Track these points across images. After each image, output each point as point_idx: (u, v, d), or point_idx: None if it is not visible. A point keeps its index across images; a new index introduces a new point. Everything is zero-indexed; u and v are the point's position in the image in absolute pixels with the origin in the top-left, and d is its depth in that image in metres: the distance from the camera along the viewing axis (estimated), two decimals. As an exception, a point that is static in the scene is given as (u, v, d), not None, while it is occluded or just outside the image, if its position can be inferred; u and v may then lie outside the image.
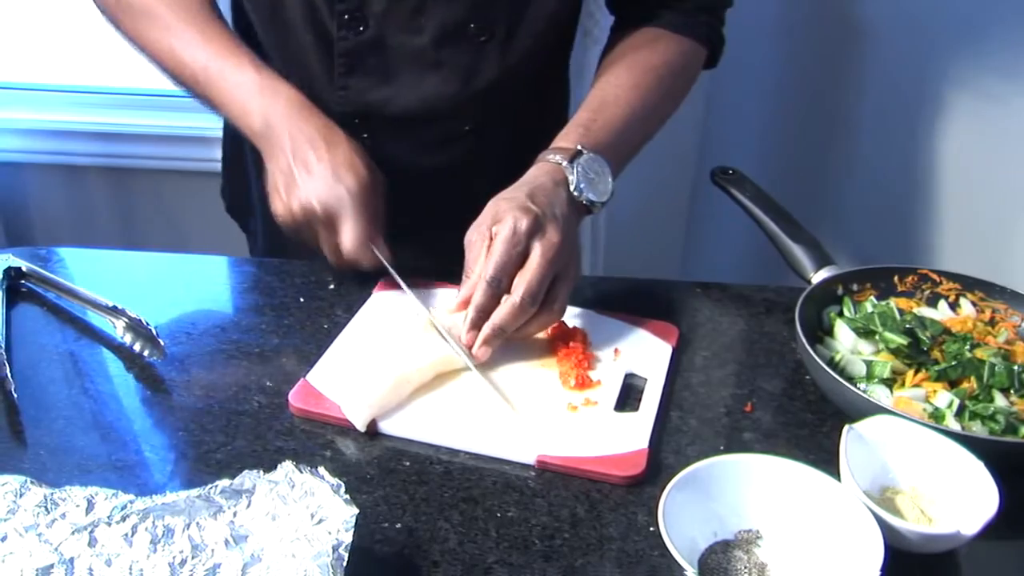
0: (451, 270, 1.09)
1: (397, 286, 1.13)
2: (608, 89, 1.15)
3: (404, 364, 0.97)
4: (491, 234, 1.00)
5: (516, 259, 0.99)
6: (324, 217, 1.04)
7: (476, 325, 0.99)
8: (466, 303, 1.00)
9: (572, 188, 1.04)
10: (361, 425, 0.93)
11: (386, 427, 0.94)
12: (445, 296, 1.11)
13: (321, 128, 1.07)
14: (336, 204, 1.03)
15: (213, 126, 2.09)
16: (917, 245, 1.82)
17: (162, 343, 1.01)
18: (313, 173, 1.04)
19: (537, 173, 1.06)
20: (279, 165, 1.07)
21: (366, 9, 1.13)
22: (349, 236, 1.04)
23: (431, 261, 1.17)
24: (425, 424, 0.93)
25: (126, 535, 0.73)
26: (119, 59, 2.14)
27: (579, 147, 1.06)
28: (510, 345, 1.04)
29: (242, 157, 1.42)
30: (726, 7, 1.26)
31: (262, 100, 1.08)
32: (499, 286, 0.98)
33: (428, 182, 1.24)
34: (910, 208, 1.81)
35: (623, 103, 1.13)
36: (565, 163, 1.05)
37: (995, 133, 1.63)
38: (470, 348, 0.99)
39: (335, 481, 0.76)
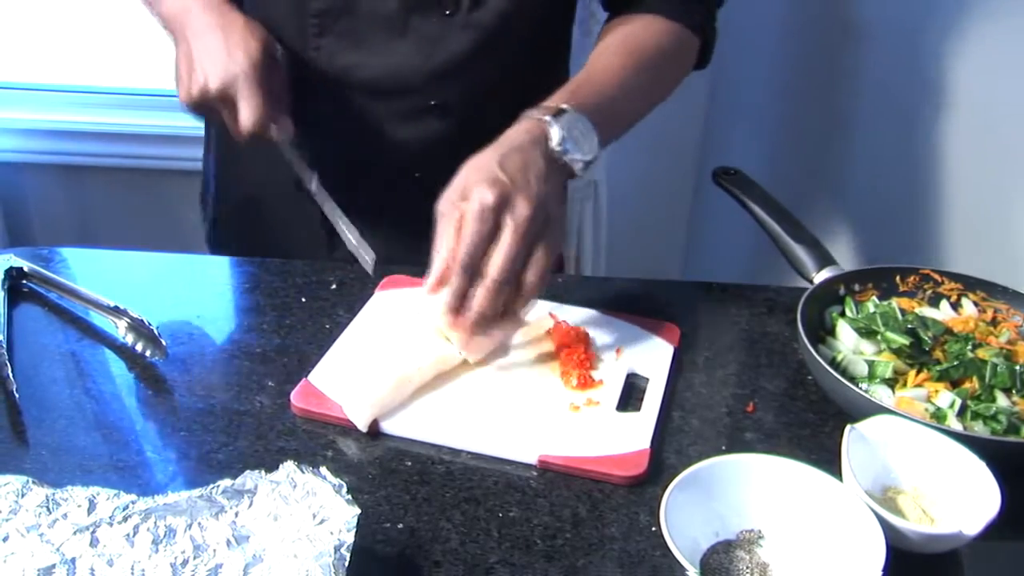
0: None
1: (399, 286, 1.13)
2: (598, 61, 1.14)
3: (405, 364, 0.97)
4: (460, 210, 0.97)
5: (487, 236, 0.95)
6: (220, 96, 1.07)
7: (454, 309, 0.96)
8: (440, 283, 0.97)
9: (554, 144, 1.00)
10: (363, 425, 0.93)
11: (388, 427, 0.94)
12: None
13: (222, 14, 1.11)
14: (230, 83, 1.07)
15: (215, 126, 2.10)
16: (919, 245, 1.81)
17: (164, 343, 1.01)
18: (209, 56, 1.08)
19: (516, 131, 1.02)
20: (182, 51, 1.11)
21: None
22: (245, 112, 1.07)
23: (407, 236, 1.16)
24: (427, 424, 0.93)
25: (128, 535, 0.73)
26: (120, 59, 2.15)
27: (564, 106, 1.03)
28: (509, 343, 1.04)
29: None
30: (718, 5, 1.25)
31: None
32: (473, 268, 0.95)
33: (400, 155, 1.25)
34: (912, 208, 1.80)
35: (613, 73, 1.12)
36: (548, 118, 1.01)
37: (996, 133, 1.63)
38: (452, 331, 0.97)
39: (337, 481, 0.76)
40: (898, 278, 1.12)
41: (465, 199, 0.96)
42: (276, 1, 1.19)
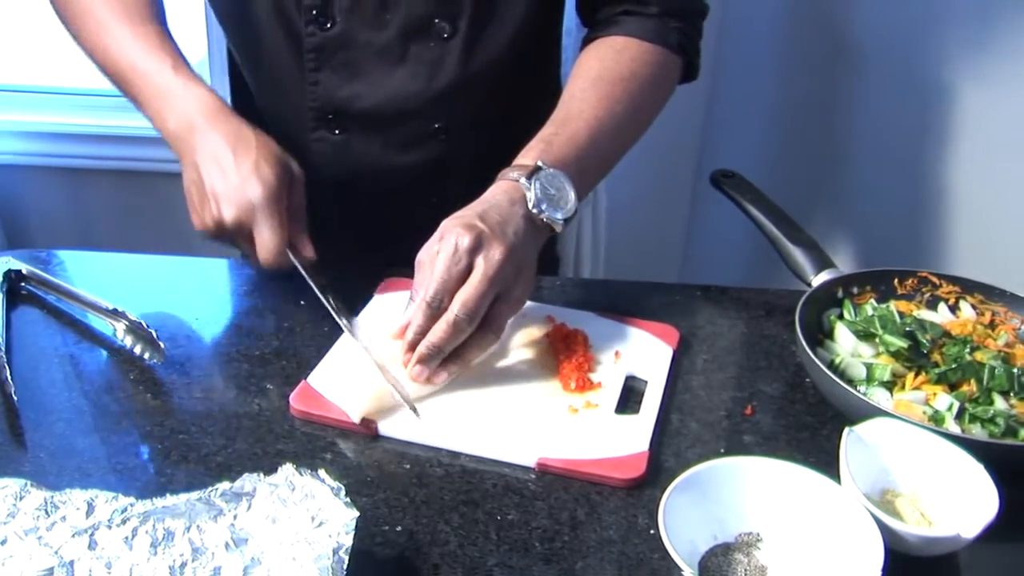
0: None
1: (398, 288, 1.13)
2: (572, 104, 1.12)
3: (400, 366, 0.97)
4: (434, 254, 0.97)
5: (457, 276, 0.95)
6: (236, 229, 1.03)
7: (413, 347, 0.96)
8: (406, 327, 0.97)
9: (531, 206, 1.01)
10: (356, 417, 0.93)
11: (386, 429, 0.94)
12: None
13: (229, 133, 1.05)
14: (246, 215, 1.02)
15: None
16: (917, 248, 1.82)
17: (162, 346, 1.01)
18: (222, 184, 1.03)
19: (494, 192, 1.03)
20: (190, 176, 1.08)
21: (332, 5, 1.14)
22: (262, 246, 1.03)
23: (406, 264, 1.17)
24: (425, 426, 0.93)
25: (126, 538, 0.73)
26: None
27: (539, 163, 1.03)
28: (508, 345, 1.04)
29: None
30: (700, 16, 1.23)
31: (174, 104, 1.09)
32: (439, 306, 0.95)
33: (401, 181, 1.25)
34: (910, 211, 1.81)
35: (588, 117, 1.10)
36: (523, 179, 1.02)
37: (993, 136, 1.63)
38: (408, 370, 0.96)
39: (335, 484, 0.76)
40: (896, 281, 1.13)
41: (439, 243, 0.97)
42: (270, 41, 1.19)
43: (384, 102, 1.19)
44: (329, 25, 1.15)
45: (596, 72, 1.15)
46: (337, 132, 1.20)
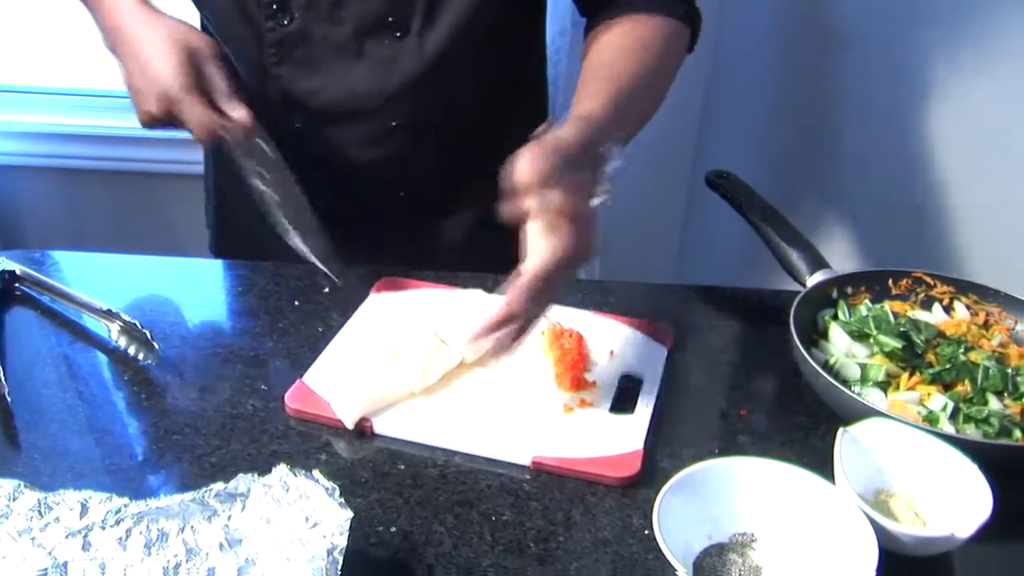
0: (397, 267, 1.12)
1: (394, 288, 1.13)
2: (612, 67, 1.10)
3: (398, 364, 0.97)
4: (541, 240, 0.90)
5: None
6: (168, 118, 1.08)
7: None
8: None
9: (608, 170, 0.97)
10: (350, 423, 0.93)
11: (381, 428, 0.94)
12: (443, 298, 1.11)
13: (139, 27, 1.09)
14: (168, 104, 1.06)
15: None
16: (911, 248, 1.82)
17: (156, 346, 1.01)
18: (140, 81, 1.08)
19: (579, 138, 0.96)
20: (124, 77, 1.12)
21: (290, 1, 1.15)
22: (193, 127, 1.07)
23: (373, 257, 1.19)
24: (420, 425, 0.93)
25: (120, 539, 0.73)
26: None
27: (617, 133, 1.00)
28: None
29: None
30: None
31: (105, 11, 1.12)
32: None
33: (365, 175, 1.25)
34: (904, 211, 1.81)
35: (628, 79, 1.08)
36: (612, 145, 0.98)
37: (989, 135, 1.64)
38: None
39: (330, 484, 0.76)
40: (891, 281, 1.13)
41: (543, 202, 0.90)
42: (236, 31, 1.19)
43: (342, 98, 1.19)
44: (287, 21, 1.15)
45: (626, 41, 1.14)
46: (298, 125, 1.21)
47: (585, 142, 0.95)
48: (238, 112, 1.08)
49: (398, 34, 1.15)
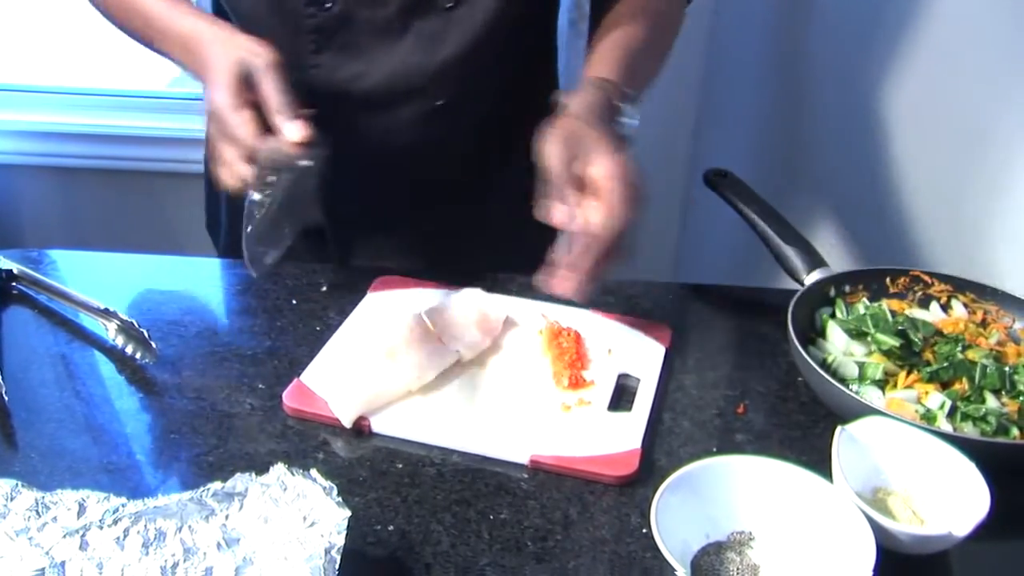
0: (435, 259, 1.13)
1: (391, 287, 1.13)
2: (622, 33, 1.13)
3: (396, 363, 0.97)
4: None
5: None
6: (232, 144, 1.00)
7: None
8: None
9: (626, 131, 1.03)
10: (348, 422, 0.93)
11: (378, 426, 0.94)
12: (441, 297, 1.10)
13: (197, 57, 1.05)
14: (220, 127, 1.00)
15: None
16: (909, 247, 1.82)
17: (154, 345, 1.01)
18: (208, 108, 1.03)
19: (599, 104, 1.02)
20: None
21: None
22: (238, 145, 0.98)
23: (415, 245, 1.19)
24: (418, 424, 0.93)
25: (118, 538, 0.73)
26: (111, 60, 2.14)
27: (627, 90, 1.05)
28: (501, 343, 1.04)
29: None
30: None
31: (182, 50, 1.08)
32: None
33: (405, 162, 1.24)
34: (902, 210, 1.81)
35: (638, 43, 1.12)
36: (625, 105, 1.03)
37: (989, 136, 1.64)
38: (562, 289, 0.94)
39: (327, 483, 0.76)
40: (888, 280, 1.13)
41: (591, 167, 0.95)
42: (270, 22, 1.17)
43: (385, 81, 1.17)
44: (329, 5, 1.13)
45: (621, 11, 1.17)
46: (339, 115, 1.17)
47: (602, 105, 1.00)
48: (290, 129, 0.99)
49: (448, 6, 1.14)
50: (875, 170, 1.79)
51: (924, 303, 1.12)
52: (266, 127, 0.99)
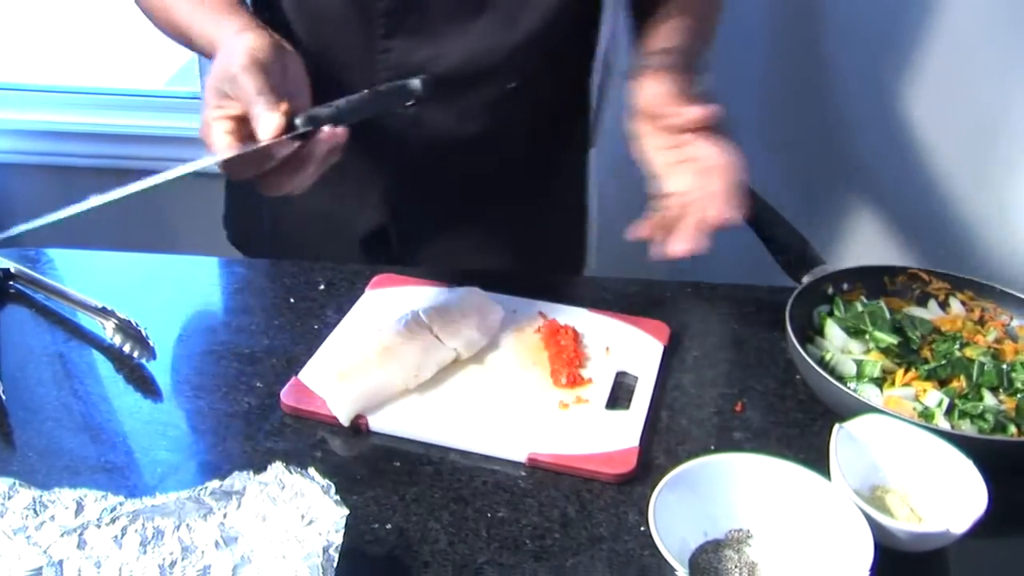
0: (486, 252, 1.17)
1: (388, 285, 1.13)
2: (676, 24, 1.14)
3: (394, 361, 0.97)
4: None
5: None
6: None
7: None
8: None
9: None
10: (345, 420, 0.93)
11: (376, 424, 0.93)
12: (438, 295, 1.10)
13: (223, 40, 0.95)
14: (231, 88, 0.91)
15: (203, 126, 2.09)
16: (907, 245, 1.82)
17: (152, 344, 1.01)
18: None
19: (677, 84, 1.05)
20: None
21: None
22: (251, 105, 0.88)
23: (472, 237, 1.20)
24: (416, 421, 0.93)
25: (116, 537, 0.73)
26: (108, 59, 2.14)
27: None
28: (498, 341, 1.04)
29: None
30: None
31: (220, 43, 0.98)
32: None
33: (470, 151, 1.21)
34: (900, 208, 1.81)
35: (691, 34, 1.13)
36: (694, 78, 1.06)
37: (987, 134, 1.64)
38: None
39: (325, 482, 0.76)
40: (886, 277, 1.13)
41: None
42: (338, 8, 1.13)
43: (459, 63, 1.13)
44: None
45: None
46: (410, 105, 1.11)
47: (680, 79, 1.03)
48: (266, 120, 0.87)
49: None
50: (873, 167, 1.79)
51: (922, 301, 1.11)
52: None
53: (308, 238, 1.32)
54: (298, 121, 0.87)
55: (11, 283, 1.12)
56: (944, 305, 1.11)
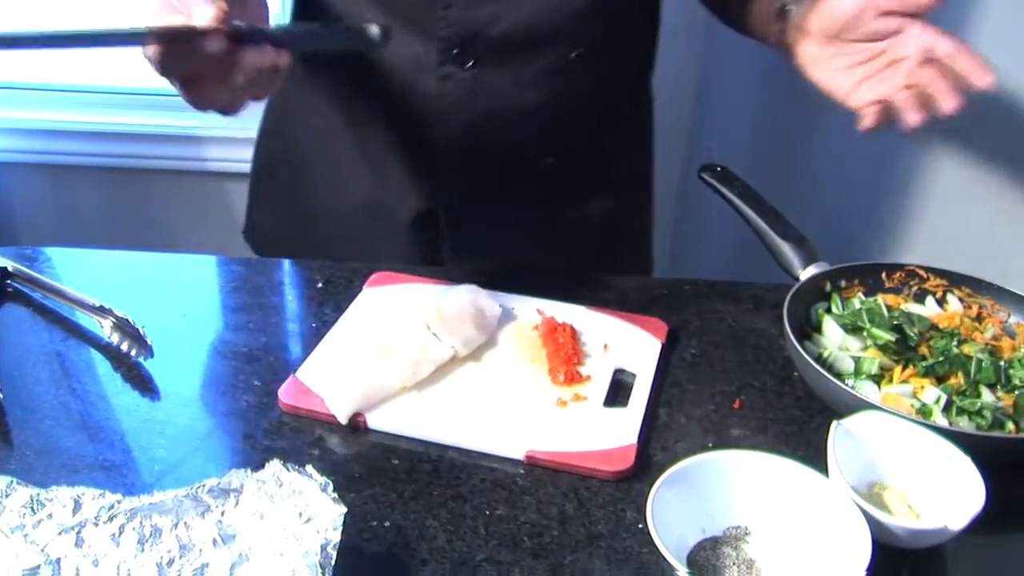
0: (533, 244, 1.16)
1: (386, 283, 1.13)
2: None
3: (391, 359, 0.97)
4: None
5: None
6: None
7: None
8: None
9: None
10: (344, 418, 0.93)
11: (374, 422, 0.93)
12: (436, 293, 1.10)
13: None
14: None
15: (201, 125, 2.09)
16: (905, 241, 1.82)
17: (149, 342, 1.01)
18: None
19: None
20: None
21: None
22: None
23: (523, 226, 1.18)
24: (414, 419, 0.93)
25: (113, 535, 0.73)
26: (106, 57, 2.14)
27: None
28: (497, 338, 1.04)
29: (277, 176, 1.36)
30: None
31: None
32: None
33: (527, 124, 1.18)
34: (898, 205, 1.81)
35: None
36: None
37: (985, 131, 1.64)
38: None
39: (323, 480, 0.76)
40: (884, 274, 1.13)
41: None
42: None
43: (523, 24, 1.10)
44: None
45: None
46: (469, 66, 1.11)
47: None
48: (201, 9, 0.81)
49: None
50: (871, 164, 1.79)
51: (920, 298, 1.12)
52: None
53: (351, 232, 1.30)
54: (239, 23, 0.83)
55: (8, 282, 1.12)
56: (942, 302, 1.11)
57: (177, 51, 0.82)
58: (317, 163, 1.29)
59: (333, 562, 0.70)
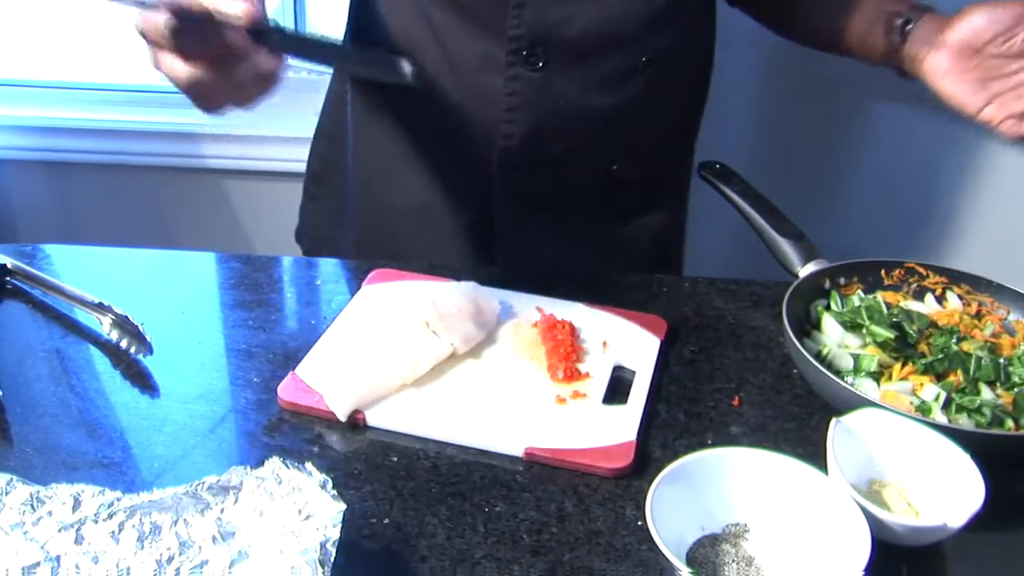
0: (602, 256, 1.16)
1: (386, 279, 1.13)
2: None
3: (390, 356, 0.97)
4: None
5: None
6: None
7: None
8: None
9: None
10: (343, 415, 0.93)
11: (373, 419, 0.93)
12: (435, 290, 1.10)
13: None
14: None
15: (200, 122, 2.09)
16: (904, 239, 1.82)
17: (148, 339, 1.01)
18: None
19: None
20: None
21: None
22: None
23: (575, 235, 1.18)
24: (413, 417, 0.93)
25: (113, 532, 0.73)
26: (105, 54, 2.14)
27: None
28: (496, 335, 1.04)
29: (332, 178, 1.35)
30: None
31: None
32: None
33: (596, 131, 1.17)
34: (897, 202, 1.81)
35: None
36: None
37: (984, 129, 1.64)
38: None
39: (322, 477, 0.76)
40: (883, 272, 1.13)
41: None
42: None
43: (595, 27, 1.09)
44: None
45: None
46: (539, 67, 1.10)
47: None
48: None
49: None
50: (870, 161, 1.79)
51: (919, 295, 1.12)
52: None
53: (405, 232, 1.29)
54: (268, 22, 0.80)
55: (8, 279, 1.12)
56: (941, 299, 1.11)
57: (191, 31, 0.78)
58: (374, 164, 1.28)
59: (332, 559, 0.70)
